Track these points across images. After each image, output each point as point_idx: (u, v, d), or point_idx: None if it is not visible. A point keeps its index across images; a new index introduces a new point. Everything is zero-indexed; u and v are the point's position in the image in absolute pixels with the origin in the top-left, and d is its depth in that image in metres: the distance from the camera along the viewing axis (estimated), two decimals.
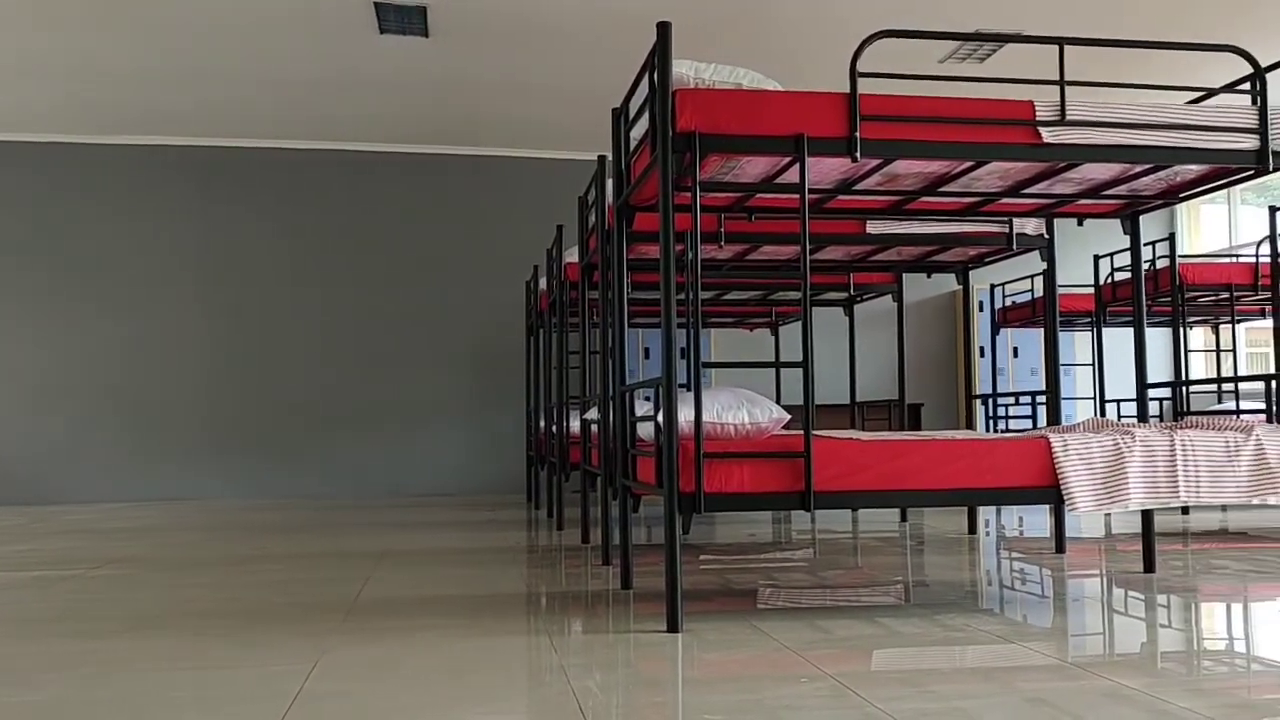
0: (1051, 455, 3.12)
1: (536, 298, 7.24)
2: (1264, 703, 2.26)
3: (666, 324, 2.97)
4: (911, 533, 5.75)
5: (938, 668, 2.60)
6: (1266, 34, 7.05)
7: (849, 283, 6.04)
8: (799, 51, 7.27)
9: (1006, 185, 3.67)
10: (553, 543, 5.40)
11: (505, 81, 7.82)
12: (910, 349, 10.08)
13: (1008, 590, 3.81)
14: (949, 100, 3.10)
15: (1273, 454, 3.19)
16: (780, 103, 3.00)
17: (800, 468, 3.01)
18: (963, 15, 6.64)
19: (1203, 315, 7.70)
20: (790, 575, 4.20)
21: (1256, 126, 3.24)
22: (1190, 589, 3.74)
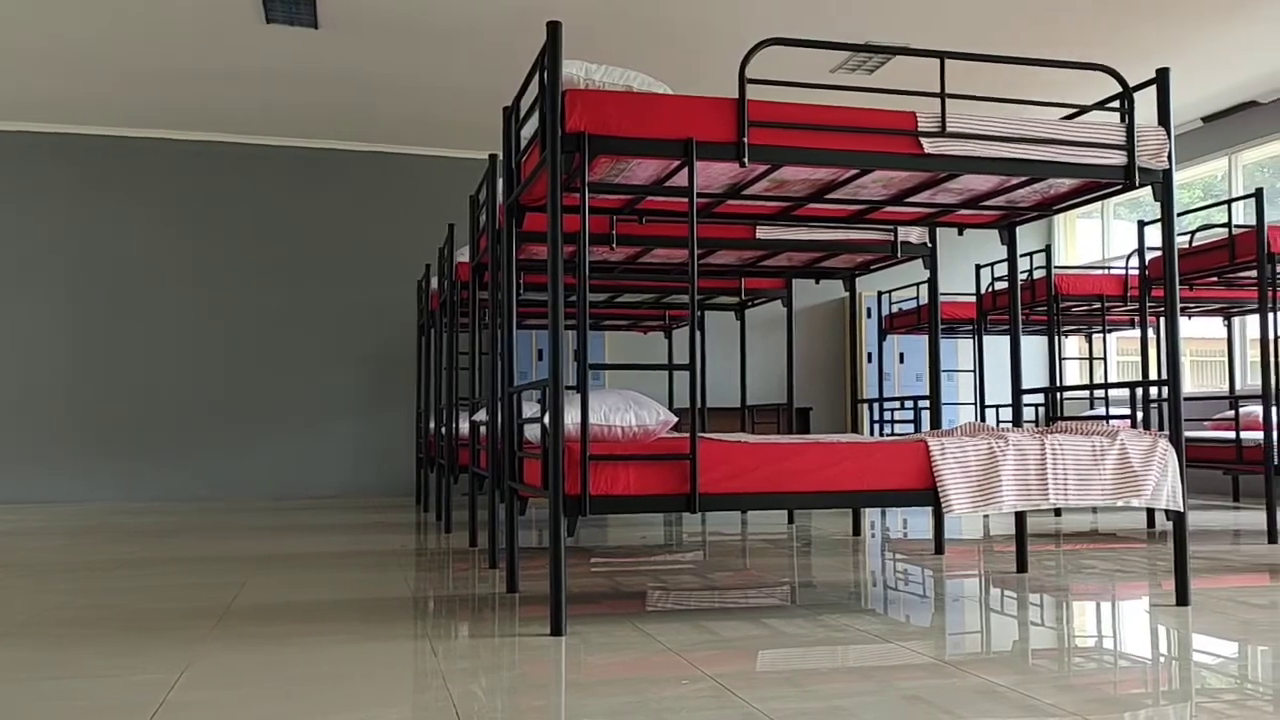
0: (929, 458, 3.19)
1: (428, 297, 7.14)
2: (1128, 697, 2.35)
3: (554, 325, 2.95)
4: (798, 535, 5.83)
5: (819, 667, 2.63)
6: (1135, 55, 7.37)
7: (740, 288, 6.10)
8: (690, 57, 7.32)
9: (890, 194, 3.75)
10: (440, 546, 5.32)
11: (397, 77, 7.70)
12: (801, 354, 10.24)
13: (888, 591, 3.89)
14: (835, 109, 3.15)
15: (1135, 458, 3.32)
16: (670, 106, 3.01)
17: (686, 470, 3.02)
18: (854, 28, 6.78)
19: (1077, 324, 8.00)
20: (679, 577, 4.22)
21: (1124, 143, 3.37)
22: (1061, 588, 3.88)
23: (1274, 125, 8.39)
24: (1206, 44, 7.22)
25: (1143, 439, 3.37)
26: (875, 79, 7.71)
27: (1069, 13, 6.62)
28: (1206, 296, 6.83)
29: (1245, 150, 8.73)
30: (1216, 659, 2.74)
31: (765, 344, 10.12)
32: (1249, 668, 2.65)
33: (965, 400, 10.29)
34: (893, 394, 10.06)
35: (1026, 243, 10.69)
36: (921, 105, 7.87)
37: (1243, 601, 3.55)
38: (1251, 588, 3.86)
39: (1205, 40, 7.15)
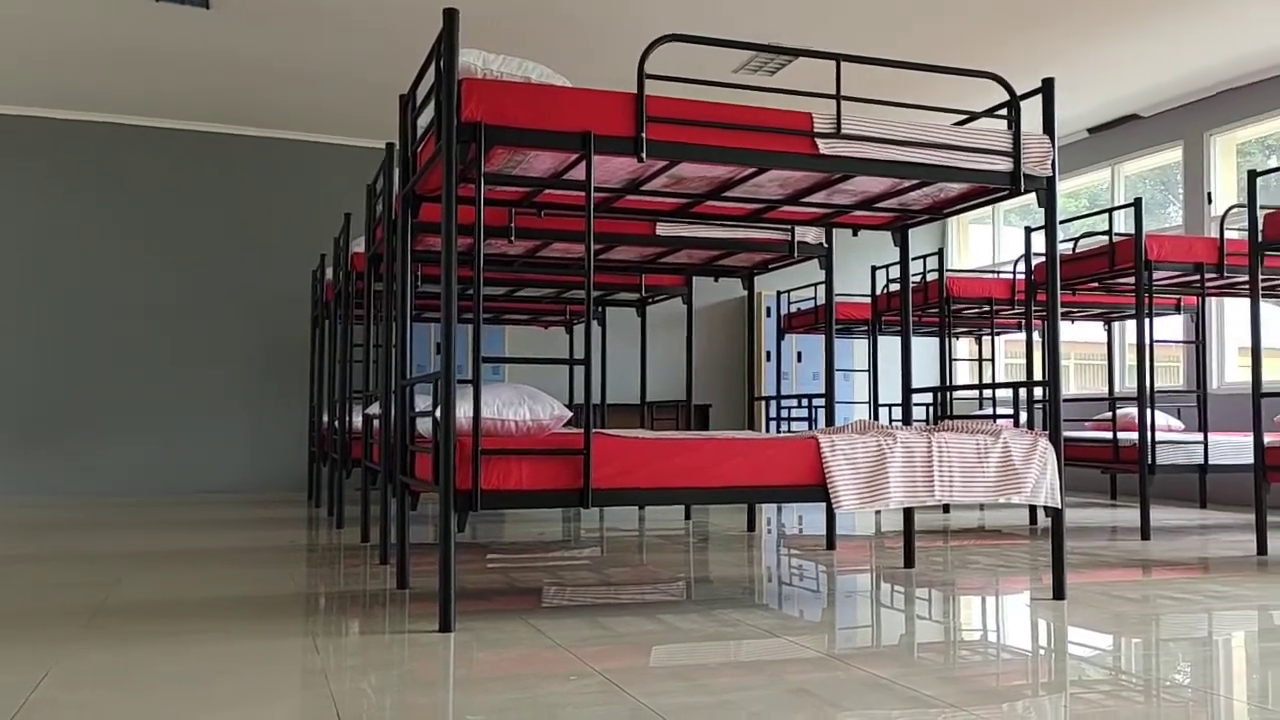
0: (820, 455, 3.24)
1: (323, 288, 6.98)
2: (1008, 688, 2.41)
3: (446, 318, 2.91)
4: (695, 530, 5.87)
5: (710, 662, 2.65)
6: (1025, 66, 7.60)
7: (641, 284, 6.11)
8: (591, 51, 7.31)
9: (787, 193, 3.79)
10: (331, 542, 5.21)
11: (293, 61, 7.51)
12: (701, 352, 10.31)
13: (780, 586, 3.93)
14: (733, 107, 3.17)
15: (1017, 456, 3.42)
16: (569, 99, 2.99)
17: (580, 465, 3.01)
18: (756, 30, 6.84)
19: (967, 326, 8.22)
20: (575, 573, 4.20)
21: (1011, 150, 3.47)
22: (946, 583, 3.98)
23: (1155, 138, 8.74)
24: (1093, 58, 7.48)
25: (1024, 438, 3.47)
26: (776, 80, 7.81)
27: (962, 23, 6.79)
28: (1088, 301, 7.09)
29: (1127, 161, 9.08)
30: (1090, 651, 2.84)
31: (666, 341, 10.17)
32: (1121, 659, 2.75)
33: (860, 399, 10.49)
34: (790, 392, 10.20)
35: (920, 246, 10.95)
36: (819, 107, 7.99)
37: (1116, 595, 3.69)
38: (1125, 582, 4.02)
39: (1091, 54, 7.40)
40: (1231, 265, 5.74)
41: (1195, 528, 6.08)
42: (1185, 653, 2.80)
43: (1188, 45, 7.23)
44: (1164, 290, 6.33)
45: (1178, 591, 3.79)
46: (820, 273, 10.42)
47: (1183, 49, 7.30)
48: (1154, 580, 4.07)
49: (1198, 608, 3.46)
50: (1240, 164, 8.24)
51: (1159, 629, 3.11)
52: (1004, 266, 9.99)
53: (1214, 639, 2.99)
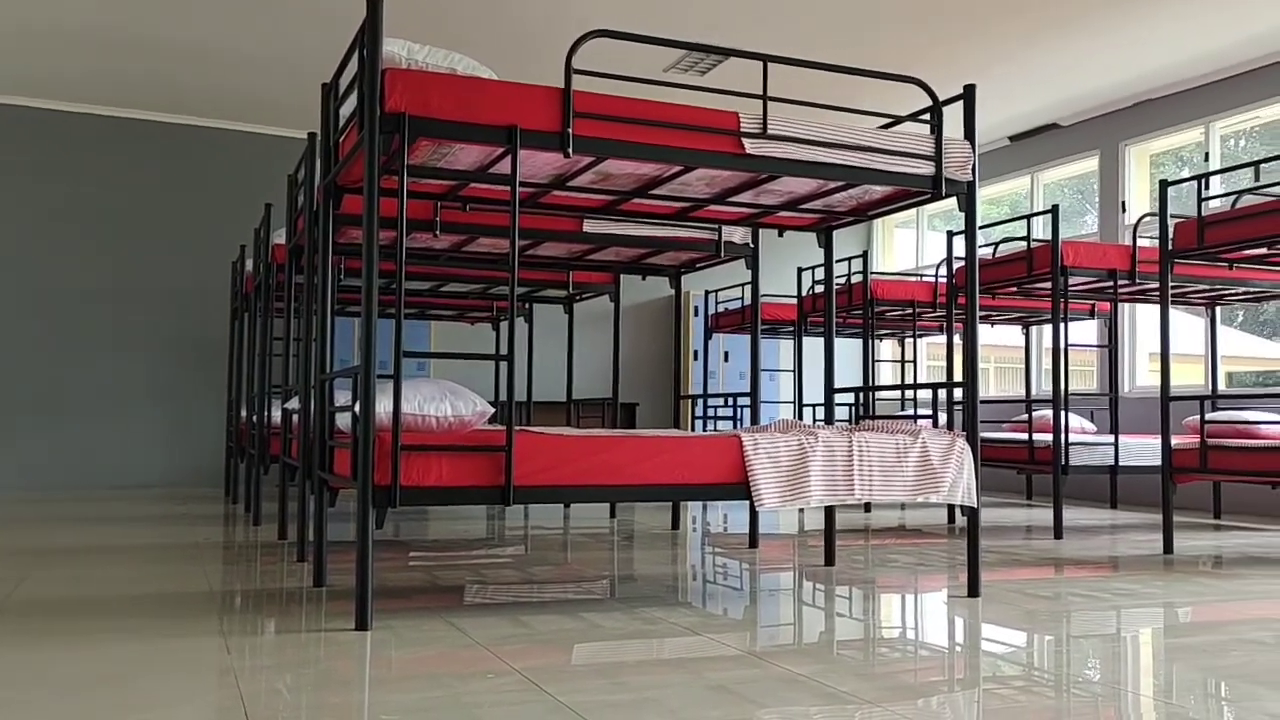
0: (743, 454, 3.25)
1: (242, 280, 6.83)
2: (924, 684, 2.45)
3: (366, 312, 2.86)
4: (620, 529, 5.86)
5: (631, 660, 2.64)
6: (950, 74, 7.73)
7: (568, 281, 6.09)
8: (520, 45, 7.26)
9: (714, 192, 3.81)
10: (247, 539, 5.10)
11: (214, 47, 7.33)
12: (629, 350, 10.32)
13: (702, 584, 3.95)
14: (660, 105, 3.17)
15: (935, 456, 3.48)
16: (495, 91, 2.96)
17: (501, 462, 2.98)
18: (688, 31, 6.86)
19: (891, 328, 8.35)
20: (498, 571, 4.17)
21: (933, 154, 3.52)
22: (865, 581, 4.03)
23: (1073, 147, 8.96)
24: (1015, 67, 7.64)
25: (942, 438, 3.53)
26: (707, 81, 7.84)
27: (889, 30, 6.89)
28: (1008, 306, 7.24)
29: (1047, 169, 9.30)
30: (1004, 647, 2.90)
31: (594, 339, 10.15)
32: (1033, 655, 2.81)
33: (786, 399, 10.59)
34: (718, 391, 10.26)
35: (846, 248, 11.09)
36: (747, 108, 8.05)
37: (1029, 593, 3.77)
38: (1038, 580, 4.11)
39: (1014, 64, 7.56)
40: (1143, 272, 5.91)
41: (1106, 527, 6.25)
42: (1095, 649, 2.87)
43: (1105, 58, 7.42)
44: (1079, 296, 6.49)
45: (1088, 589, 3.88)
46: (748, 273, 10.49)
47: (1100, 61, 7.50)
48: (1066, 578, 4.17)
49: (1107, 605, 3.55)
50: (1153, 174, 8.49)
51: (1070, 626, 3.19)
52: (927, 270, 10.17)
53: (1122, 635, 3.06)
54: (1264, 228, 4.59)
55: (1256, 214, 4.64)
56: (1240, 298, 6.65)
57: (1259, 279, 5.98)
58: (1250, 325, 10.55)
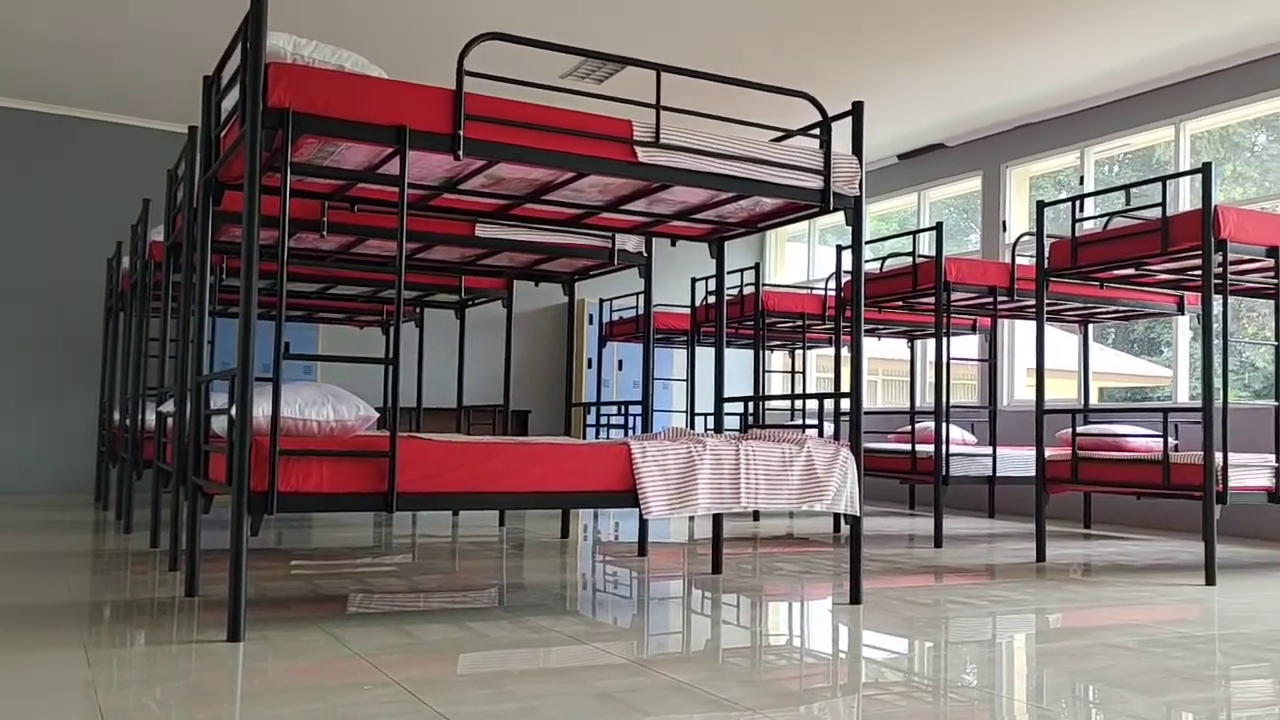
0: (631, 461, 3.25)
1: (118, 278, 6.57)
2: (806, 691, 2.47)
3: (245, 312, 2.77)
4: (508, 537, 5.81)
5: (516, 669, 2.61)
6: (842, 92, 7.90)
7: (460, 286, 6.01)
8: (414, 46, 7.16)
9: (607, 200, 3.80)
10: (117, 547, 4.90)
11: (91, 37, 7.04)
12: (522, 357, 10.25)
13: (590, 592, 3.93)
14: (553, 110, 3.15)
15: (820, 465, 3.53)
16: (384, 91, 2.91)
17: (385, 468, 2.92)
18: (586, 39, 6.86)
19: (782, 339, 8.47)
20: (383, 580, 4.08)
21: (822, 169, 3.58)
22: (751, 589, 4.06)
23: (958, 167, 9.24)
24: (904, 88, 7.84)
25: (827, 448, 3.58)
26: (604, 90, 7.85)
27: (784, 47, 7.00)
28: (894, 319, 7.41)
29: (933, 188, 9.57)
30: (884, 653, 2.95)
31: (487, 345, 10.05)
32: (912, 661, 2.86)
33: (679, 408, 10.65)
34: (611, 399, 10.26)
35: (739, 260, 11.21)
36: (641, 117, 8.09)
37: (910, 600, 3.85)
38: (918, 588, 4.20)
39: (903, 84, 7.76)
40: (1021, 290, 6.11)
41: (984, 536, 6.43)
42: (971, 654, 2.94)
43: (988, 82, 7.67)
44: (961, 311, 6.69)
45: (965, 596, 3.99)
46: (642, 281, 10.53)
47: (983, 86, 7.75)
48: (945, 586, 4.27)
49: (983, 612, 3.64)
50: (1033, 195, 8.80)
51: (948, 632, 3.26)
52: (818, 283, 10.35)
53: (997, 641, 3.15)
54: (1133, 249, 4.79)
55: (1126, 236, 4.84)
56: (1111, 316, 6.93)
57: (1128, 298, 6.25)
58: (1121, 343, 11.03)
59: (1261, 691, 2.56)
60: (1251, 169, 7.68)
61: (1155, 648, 3.05)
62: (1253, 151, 7.72)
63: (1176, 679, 2.66)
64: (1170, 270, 5.12)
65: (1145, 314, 6.70)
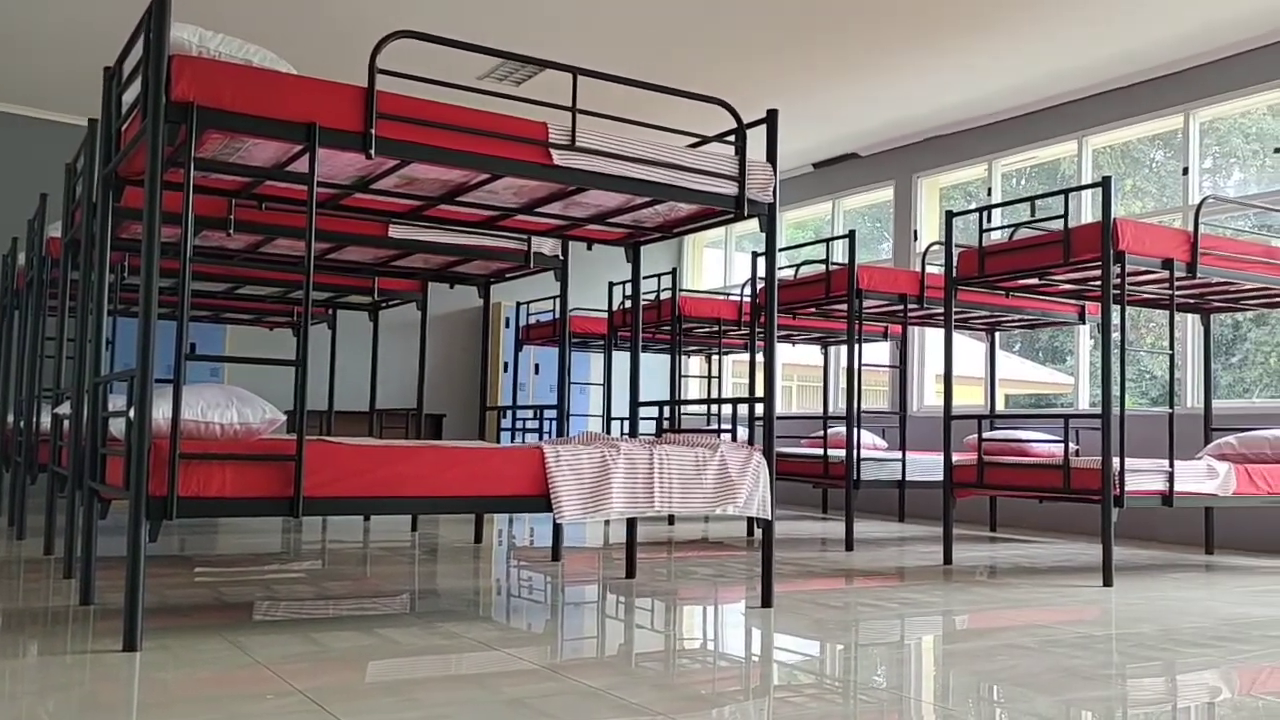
0: (544, 465, 3.23)
1: (13, 275, 6.33)
2: (717, 694, 2.48)
3: (145, 311, 2.68)
4: (421, 542, 5.73)
5: (426, 676, 2.57)
6: (759, 100, 7.98)
7: (374, 287, 5.92)
8: (326, 46, 7.04)
9: (523, 202, 3.78)
10: (10, 554, 4.71)
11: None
12: (437, 360, 10.14)
13: (503, 598, 3.89)
14: (468, 110, 3.12)
15: (733, 469, 3.55)
16: (293, 86, 2.84)
17: (291, 472, 2.85)
18: (504, 42, 6.82)
19: (699, 345, 8.52)
20: (290, 587, 3.99)
21: (736, 175, 3.61)
22: (665, 593, 4.07)
23: (871, 177, 9.40)
24: (819, 97, 7.95)
25: (740, 452, 3.60)
26: (521, 93, 7.81)
27: (703, 56, 7.05)
28: (808, 326, 7.50)
29: (847, 196, 9.72)
30: (794, 656, 2.98)
31: (401, 348, 9.92)
32: (823, 663, 2.90)
33: (596, 412, 10.64)
34: (528, 403, 10.20)
35: (657, 265, 11.25)
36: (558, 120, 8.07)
37: (821, 603, 3.90)
38: (830, 591, 4.25)
39: (818, 94, 7.87)
40: (930, 298, 6.24)
41: (894, 539, 6.55)
42: (880, 656, 2.99)
43: (900, 94, 7.82)
44: (873, 318, 6.80)
45: (875, 599, 4.05)
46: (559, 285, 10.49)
47: (896, 97, 7.90)
48: (855, 588, 4.33)
49: (892, 614, 3.70)
50: (943, 205, 9.00)
51: (858, 634, 3.31)
52: (734, 289, 10.44)
53: (905, 643, 3.20)
54: (1036, 259, 4.93)
55: (1030, 246, 4.97)
56: (1016, 324, 7.12)
57: (1032, 307, 6.42)
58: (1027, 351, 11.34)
59: (1155, 690, 2.64)
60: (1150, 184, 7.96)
61: (1055, 648, 3.14)
62: (1151, 167, 8.00)
63: (1076, 678, 2.73)
64: (1072, 280, 5.27)
65: (1049, 323, 6.89)
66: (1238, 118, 7.19)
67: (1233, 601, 4.18)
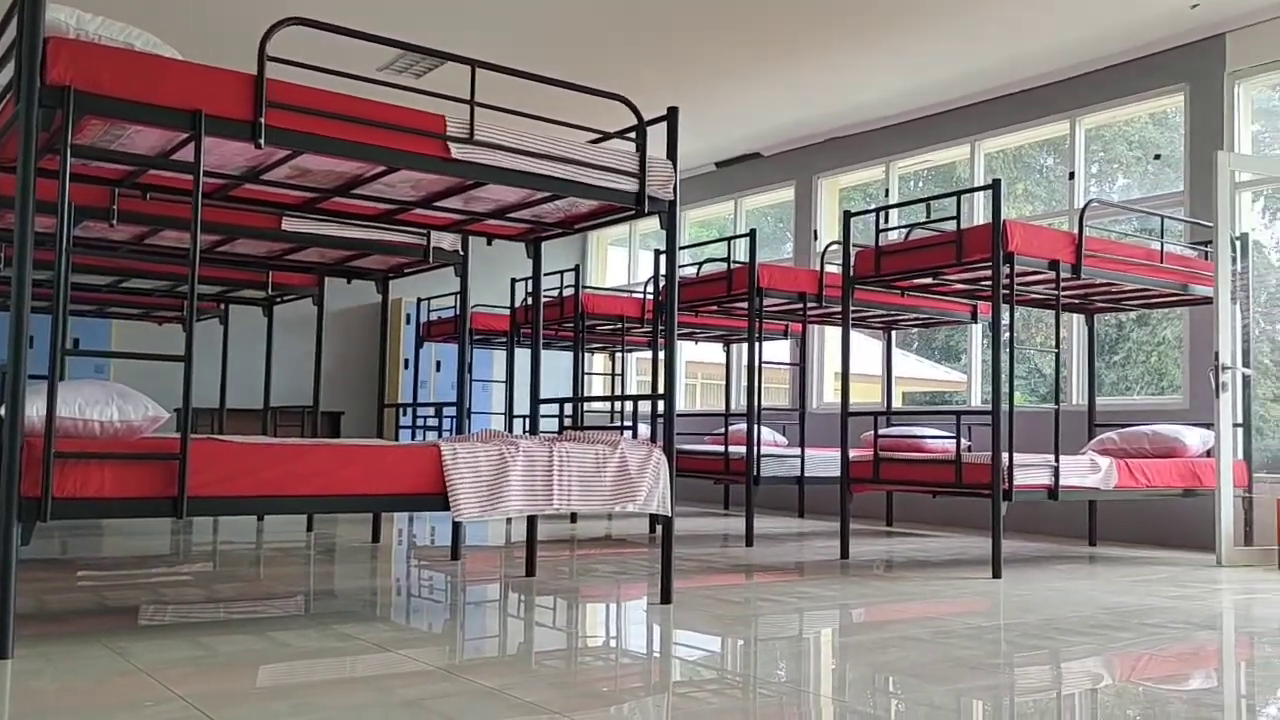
0: (442, 463, 3.18)
1: None
2: (616, 691, 2.47)
3: (17, 304, 2.56)
4: (317, 543, 5.61)
5: (319, 679, 2.51)
6: (662, 99, 8.01)
7: (268, 281, 5.77)
8: (217, 34, 6.85)
9: (421, 196, 3.72)
10: None
11: None
12: (335, 357, 9.94)
13: (402, 598, 3.83)
14: (363, 101, 3.05)
15: (633, 466, 3.55)
16: (178, 72, 2.74)
17: (175, 471, 2.75)
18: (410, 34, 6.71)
19: (602, 342, 8.51)
20: (179, 590, 3.86)
21: (637, 172, 3.61)
22: (565, 591, 4.05)
23: (772, 176, 9.51)
24: (722, 96, 8.01)
25: (640, 449, 3.61)
26: (423, 84, 7.70)
27: (607, 54, 7.04)
28: (710, 324, 7.56)
29: (750, 196, 9.82)
30: (693, 651, 2.99)
31: (298, 344, 9.70)
32: (723, 658, 2.91)
33: (499, 410, 10.56)
34: (429, 400, 10.07)
35: (561, 262, 11.22)
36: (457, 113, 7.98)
37: (721, 599, 3.92)
38: (730, 586, 4.28)
39: (721, 95, 7.93)
40: (829, 296, 6.34)
41: (793, 535, 6.64)
42: (779, 650, 3.02)
43: (801, 96, 7.93)
44: (773, 316, 6.88)
45: (774, 594, 4.09)
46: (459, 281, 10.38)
47: (796, 98, 8.00)
48: (755, 584, 4.37)
49: (790, 608, 3.75)
50: (842, 206, 9.16)
51: (757, 629, 3.33)
52: (638, 287, 10.46)
53: (804, 637, 3.24)
54: (931, 259, 5.04)
55: (925, 246, 5.09)
56: (912, 323, 7.28)
57: (927, 306, 6.57)
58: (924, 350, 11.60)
59: (1040, 677, 2.72)
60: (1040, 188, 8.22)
61: (947, 639, 3.21)
62: (1041, 172, 8.26)
63: (965, 668, 2.80)
64: (965, 280, 5.41)
65: (943, 321, 7.06)
66: (1122, 125, 7.47)
67: (1113, 591, 4.33)
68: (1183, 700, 2.50)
